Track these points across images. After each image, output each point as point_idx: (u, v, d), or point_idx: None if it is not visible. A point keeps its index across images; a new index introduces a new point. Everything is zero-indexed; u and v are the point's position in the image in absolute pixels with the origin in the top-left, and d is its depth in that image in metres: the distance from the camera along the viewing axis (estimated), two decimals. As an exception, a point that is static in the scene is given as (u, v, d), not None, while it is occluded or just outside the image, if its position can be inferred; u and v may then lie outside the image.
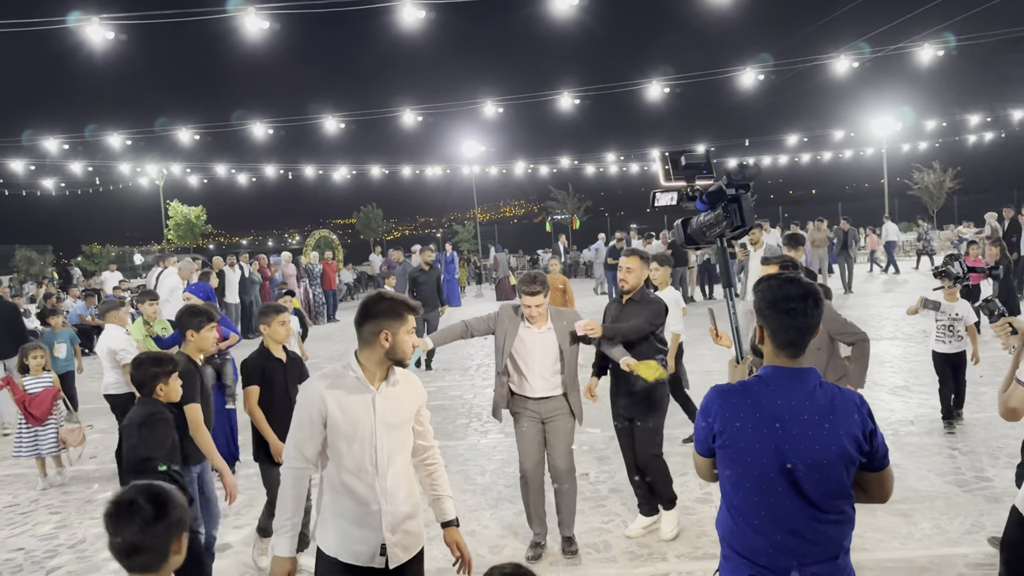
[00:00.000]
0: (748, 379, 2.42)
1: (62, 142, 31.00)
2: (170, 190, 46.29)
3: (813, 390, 2.32)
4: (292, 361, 5.13)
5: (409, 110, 27.63)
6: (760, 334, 2.41)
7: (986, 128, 45.05)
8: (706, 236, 2.89)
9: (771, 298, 2.35)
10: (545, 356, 4.91)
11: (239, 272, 18.20)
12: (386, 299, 3.04)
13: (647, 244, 21.26)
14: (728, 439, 2.31)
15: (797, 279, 2.38)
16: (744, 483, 2.29)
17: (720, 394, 2.38)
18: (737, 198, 2.74)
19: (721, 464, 2.36)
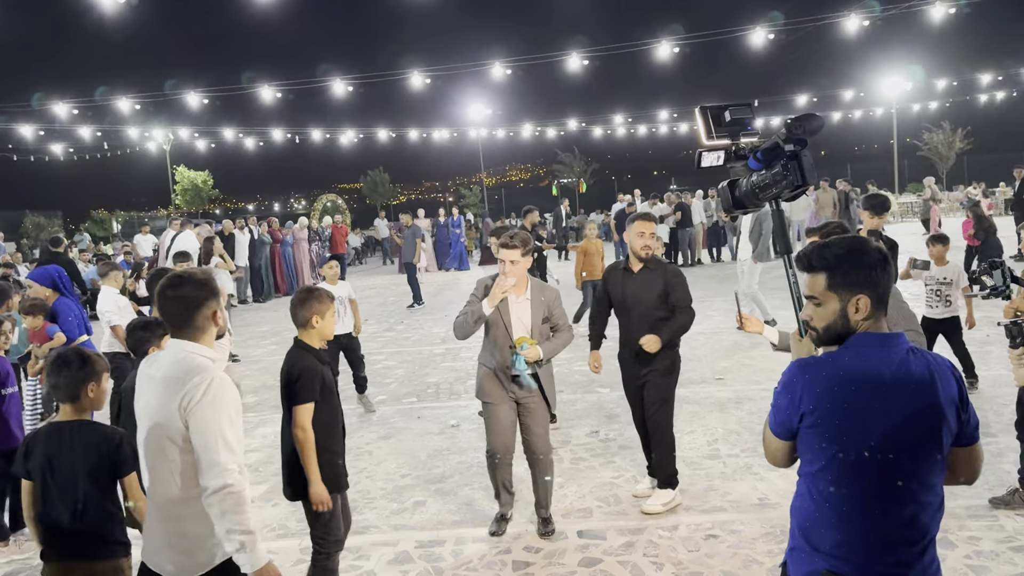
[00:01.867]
0: (834, 350, 2.17)
1: (71, 107, 31.01)
2: (177, 155, 46.25)
3: (907, 356, 2.11)
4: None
5: (416, 72, 27.50)
6: (858, 308, 2.13)
7: (997, 87, 44.53)
8: (758, 197, 2.61)
9: (861, 259, 2.14)
10: (520, 329, 4.61)
11: (248, 235, 18.30)
12: None
13: (652, 206, 21.26)
14: (820, 417, 2.08)
15: (858, 236, 2.24)
16: (835, 466, 2.08)
17: (806, 368, 2.14)
18: (797, 155, 2.45)
19: (807, 446, 2.14)
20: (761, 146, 2.54)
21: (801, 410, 2.11)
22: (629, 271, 5.03)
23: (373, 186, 58.40)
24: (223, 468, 2.60)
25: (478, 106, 41.35)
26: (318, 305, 3.86)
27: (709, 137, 2.61)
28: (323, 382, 3.74)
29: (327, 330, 3.89)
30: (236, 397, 2.74)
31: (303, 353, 3.80)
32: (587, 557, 4.49)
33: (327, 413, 3.76)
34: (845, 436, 2.06)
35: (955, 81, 44.57)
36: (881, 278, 2.13)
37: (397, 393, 8.69)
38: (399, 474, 6.02)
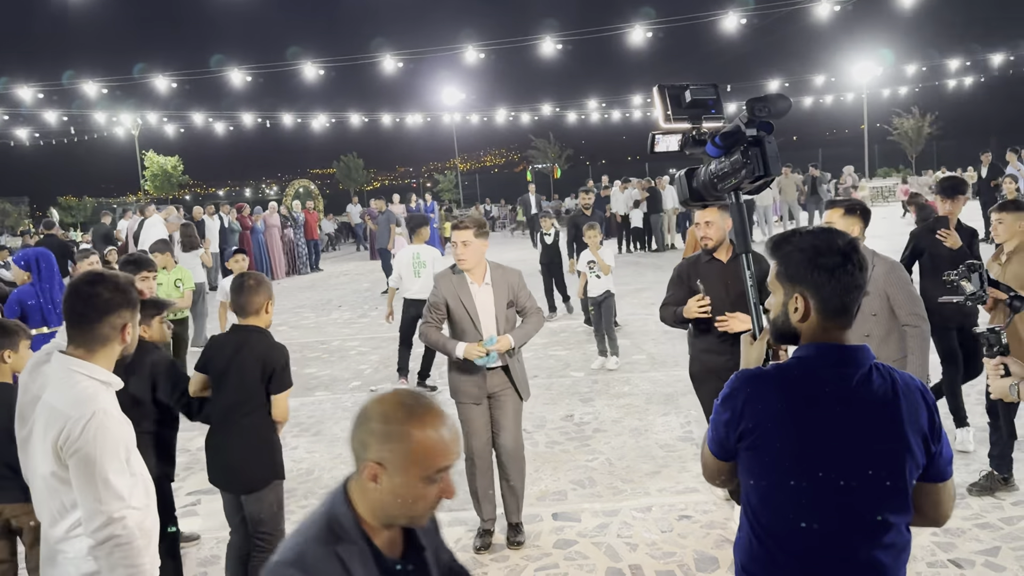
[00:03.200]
0: (784, 361, 1.94)
1: (37, 91, 30.42)
2: (146, 140, 45.59)
3: (869, 373, 1.84)
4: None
5: (389, 56, 27.29)
6: (797, 307, 1.90)
7: (965, 72, 45.09)
8: (716, 189, 2.32)
9: (810, 253, 1.86)
10: (486, 317, 4.37)
11: (218, 222, 18.12)
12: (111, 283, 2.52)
13: (624, 189, 21.34)
14: (759, 439, 1.82)
15: (832, 229, 1.95)
16: (777, 496, 1.81)
17: (748, 380, 1.88)
18: (759, 140, 2.13)
19: (746, 471, 1.87)
20: (721, 130, 2.26)
21: (740, 428, 1.84)
22: (705, 262, 4.53)
23: (346, 171, 57.92)
24: (108, 517, 2.27)
25: (452, 91, 41.16)
26: (269, 291, 3.73)
27: (667, 120, 2.32)
28: None
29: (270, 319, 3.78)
30: (124, 432, 2.42)
31: (272, 339, 3.71)
32: (562, 539, 4.52)
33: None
34: (788, 463, 1.80)
35: (924, 67, 45.09)
36: (825, 282, 1.84)
37: (372, 379, 8.67)
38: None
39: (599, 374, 8.10)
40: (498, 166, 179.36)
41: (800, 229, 1.96)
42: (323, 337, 11.10)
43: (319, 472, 5.85)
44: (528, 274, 5.45)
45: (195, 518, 5.23)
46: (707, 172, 2.35)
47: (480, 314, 4.35)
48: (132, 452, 2.45)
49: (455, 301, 4.35)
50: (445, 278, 4.42)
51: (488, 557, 4.35)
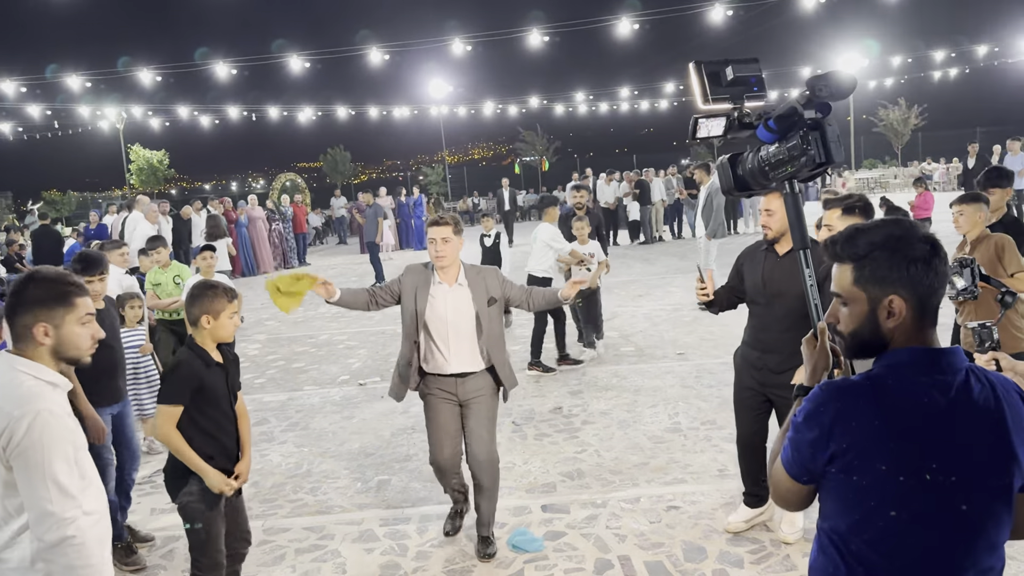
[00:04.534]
0: (874, 370, 1.70)
1: (20, 84, 30.12)
2: (131, 134, 45.25)
3: (967, 378, 1.65)
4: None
5: (376, 48, 27.17)
6: (892, 311, 1.67)
7: (951, 64, 45.27)
8: (768, 177, 2.07)
9: (896, 246, 1.66)
10: (459, 319, 4.16)
11: (205, 217, 18.02)
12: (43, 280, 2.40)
13: (609, 181, 21.37)
14: (856, 459, 1.61)
15: (893, 218, 1.75)
16: (876, 523, 1.63)
17: (837, 393, 1.66)
18: (819, 124, 1.90)
19: (836, 495, 1.68)
20: (774, 112, 2.01)
21: (831, 449, 1.64)
22: (769, 251, 4.17)
23: (333, 164, 57.65)
24: (59, 519, 2.20)
25: (439, 83, 41.03)
26: (206, 304, 3.42)
27: (706, 100, 2.08)
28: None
29: (220, 331, 3.47)
30: (73, 432, 2.34)
31: (181, 354, 3.48)
32: (551, 531, 4.53)
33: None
34: (891, 485, 1.60)
35: (910, 58, 45.21)
36: (923, 277, 1.65)
37: (360, 373, 8.66)
38: (363, 453, 6.02)
39: (588, 367, 8.11)
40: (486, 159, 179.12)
41: (861, 226, 1.73)
42: (311, 331, 11.07)
43: (307, 466, 5.85)
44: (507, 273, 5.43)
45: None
46: (757, 158, 2.10)
47: (441, 317, 4.15)
48: (82, 453, 2.36)
49: (409, 295, 4.20)
50: (414, 271, 4.29)
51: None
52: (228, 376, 3.52)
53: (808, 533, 4.22)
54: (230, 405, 3.51)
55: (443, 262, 4.16)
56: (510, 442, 6.03)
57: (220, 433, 3.44)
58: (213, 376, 3.42)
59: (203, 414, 3.38)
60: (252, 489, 5.47)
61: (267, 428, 6.85)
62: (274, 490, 5.46)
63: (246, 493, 5.36)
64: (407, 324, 4.22)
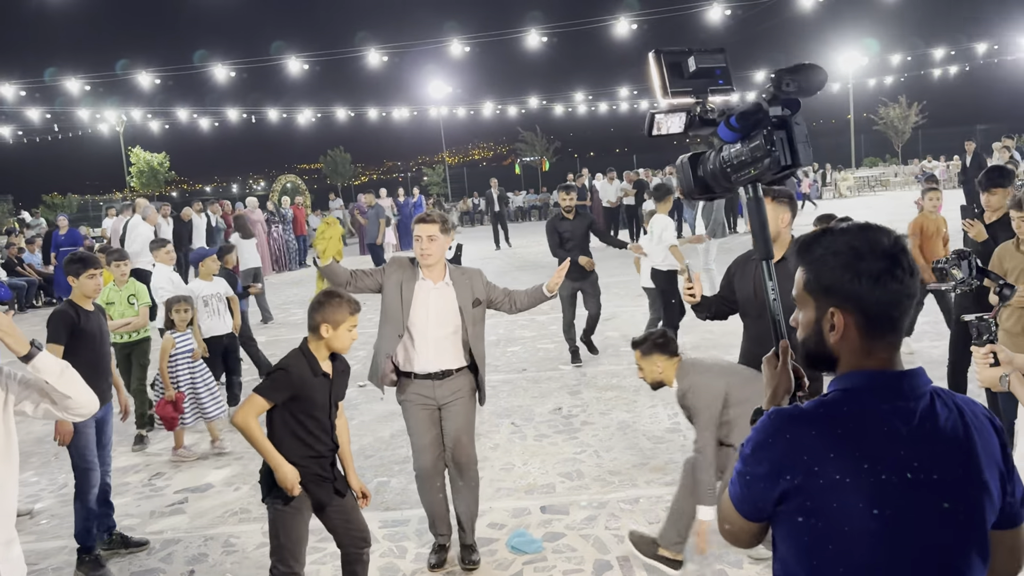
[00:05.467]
0: (827, 396, 1.54)
1: (19, 88, 30.17)
2: (131, 136, 45.33)
3: (932, 404, 1.51)
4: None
5: (375, 50, 27.19)
6: (833, 324, 1.54)
7: (951, 61, 45.28)
8: (731, 179, 1.88)
9: (847, 256, 1.51)
10: (441, 318, 4.11)
11: (206, 219, 18.03)
12: None
13: (610, 183, 21.37)
14: (810, 498, 1.45)
15: (873, 225, 1.57)
16: (836, 569, 1.46)
17: (787, 423, 1.50)
18: (786, 122, 1.74)
19: (792, 538, 1.51)
20: (737, 108, 1.84)
21: (782, 487, 1.47)
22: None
23: (334, 166, 57.70)
24: None
25: (439, 84, 41.05)
26: (332, 312, 3.41)
27: (665, 94, 1.89)
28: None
29: (336, 342, 3.44)
30: None
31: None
32: (550, 532, 4.53)
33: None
34: (848, 526, 1.43)
35: (910, 56, 45.22)
36: (870, 293, 1.50)
37: (360, 374, 8.65)
38: (363, 455, 6.02)
39: (587, 367, 8.11)
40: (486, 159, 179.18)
41: (833, 227, 1.60)
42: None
43: (307, 468, 5.84)
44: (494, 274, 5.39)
45: (182, 516, 5.21)
46: (718, 159, 1.91)
47: (422, 314, 4.10)
48: None
49: (394, 287, 4.12)
50: (399, 263, 4.23)
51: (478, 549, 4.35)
52: (332, 387, 3.47)
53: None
54: (328, 416, 3.46)
55: (429, 260, 4.11)
56: (509, 443, 6.03)
57: (313, 440, 3.39)
58: (316, 385, 3.38)
59: (298, 421, 3.37)
60: (251, 492, 5.47)
61: (266, 430, 6.83)
62: (273, 492, 5.45)
63: (245, 496, 5.39)
64: (392, 316, 4.13)
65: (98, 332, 4.68)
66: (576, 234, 8.08)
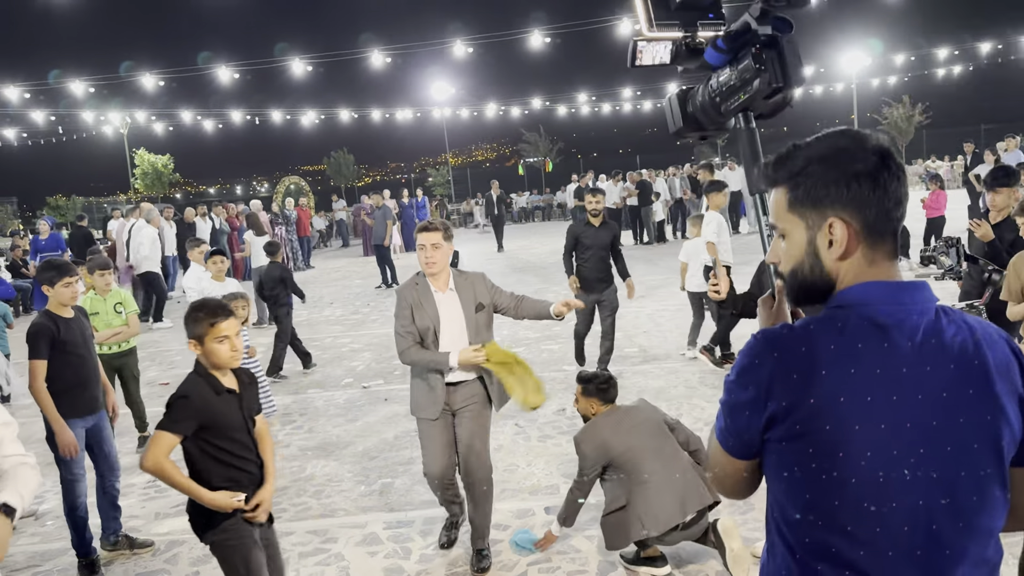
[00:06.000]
0: (821, 314, 1.39)
1: (23, 90, 30.24)
2: (135, 138, 45.36)
3: (937, 319, 1.34)
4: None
5: (378, 51, 27.22)
6: (833, 238, 1.38)
7: (955, 61, 45.16)
8: (720, 110, 1.74)
9: (837, 158, 1.37)
10: (451, 326, 4.07)
11: (210, 223, 18.05)
12: None
13: (616, 183, 21.36)
14: (798, 424, 1.30)
15: (848, 129, 1.44)
16: (831, 504, 1.30)
17: (774, 343, 1.36)
18: (775, 41, 1.61)
19: (781, 471, 1.36)
20: (725, 30, 1.72)
21: (769, 411, 1.33)
22: None
23: (337, 167, 57.74)
24: None
25: (442, 85, 41.04)
26: (193, 327, 3.15)
27: (650, 26, 1.74)
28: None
29: (211, 358, 3.14)
30: None
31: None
32: (554, 533, 4.52)
33: None
34: (843, 451, 1.28)
35: (913, 55, 45.12)
36: (869, 194, 1.35)
37: (364, 376, 8.66)
38: (367, 456, 6.02)
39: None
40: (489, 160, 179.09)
41: (802, 140, 1.46)
42: (315, 334, 11.07)
43: (311, 470, 5.85)
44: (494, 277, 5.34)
45: (186, 517, 5.20)
46: (706, 89, 1.77)
47: (443, 323, 4.07)
48: None
49: (419, 310, 4.07)
50: (408, 287, 4.16)
51: (481, 552, 4.35)
52: (242, 403, 3.21)
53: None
54: (247, 432, 3.22)
55: (434, 268, 4.07)
56: (513, 444, 6.03)
57: (239, 462, 3.15)
58: (223, 405, 3.12)
59: (216, 447, 3.09)
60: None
61: (271, 431, 6.85)
62: (278, 494, 5.45)
63: (250, 497, 5.39)
64: (427, 337, 4.07)
65: (81, 338, 4.54)
66: (597, 243, 7.47)
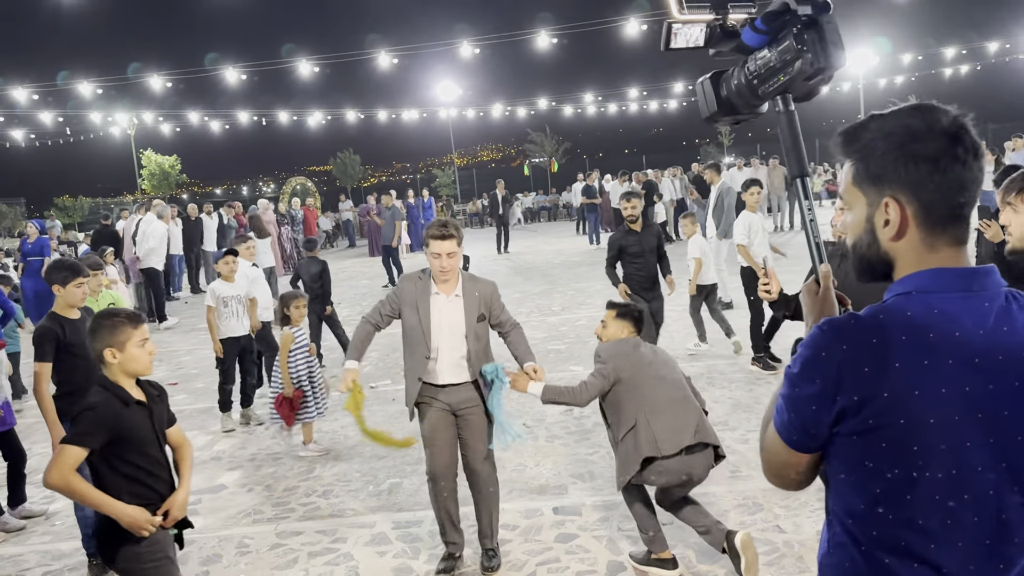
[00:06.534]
0: (886, 302, 1.35)
1: (31, 92, 30.38)
2: (142, 139, 45.50)
3: (1007, 305, 1.32)
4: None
5: (385, 52, 27.26)
6: (888, 218, 1.37)
7: (962, 60, 45.03)
8: (758, 93, 1.71)
9: (901, 137, 1.34)
10: (453, 332, 4.05)
11: (216, 220, 18.08)
12: None
13: (622, 183, 21.33)
14: (874, 416, 1.27)
15: (928, 104, 1.38)
16: (903, 495, 1.29)
17: (842, 333, 1.31)
18: (816, 21, 1.59)
19: (850, 464, 1.34)
20: (764, 10, 1.69)
21: (839, 405, 1.29)
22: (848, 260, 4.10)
23: (343, 168, 57.77)
24: None
25: (448, 85, 41.07)
26: (111, 335, 3.01)
27: (680, 9, 1.72)
28: None
29: (131, 365, 3.02)
30: None
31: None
32: (563, 533, 4.53)
33: None
34: (919, 446, 1.26)
35: (920, 55, 44.99)
36: (928, 179, 1.31)
37: (371, 376, 8.67)
38: (375, 456, 6.03)
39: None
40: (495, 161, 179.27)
41: (880, 112, 1.42)
42: (322, 335, 11.08)
43: (319, 470, 5.86)
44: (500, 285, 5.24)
45: (195, 517, 5.23)
46: (743, 72, 1.73)
47: (440, 327, 4.04)
48: None
49: (411, 308, 4.07)
50: (411, 281, 4.14)
51: (489, 552, 4.35)
52: (154, 415, 3.04)
53: (822, 534, 4.20)
54: (160, 448, 3.05)
55: (447, 276, 4.04)
56: (520, 444, 6.00)
57: (151, 480, 2.97)
58: (133, 417, 2.95)
59: (127, 461, 2.91)
60: (265, 493, 5.50)
61: (278, 431, 6.87)
62: (286, 493, 5.47)
63: (259, 497, 5.41)
64: (415, 340, 4.09)
65: (88, 340, 4.60)
66: (646, 249, 7.23)
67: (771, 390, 6.83)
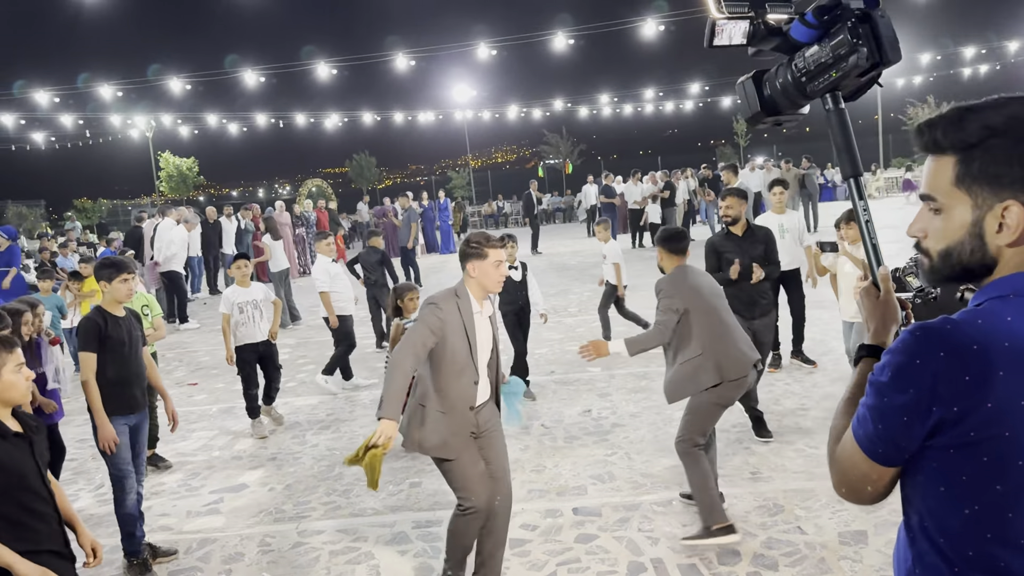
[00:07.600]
0: (982, 306, 1.26)
1: (52, 94, 30.71)
2: (160, 141, 45.86)
3: None
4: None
5: (401, 54, 27.36)
6: (1006, 222, 1.25)
7: (980, 61, 44.67)
8: (806, 91, 1.66)
9: (1020, 131, 1.24)
10: (485, 347, 3.79)
11: (236, 223, 18.18)
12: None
13: (636, 183, 21.32)
14: (976, 431, 1.20)
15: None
16: (1005, 512, 1.21)
17: (938, 340, 1.22)
18: (869, 16, 1.53)
19: (944, 479, 1.26)
20: (813, 3, 1.62)
21: (936, 416, 1.21)
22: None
23: (359, 170, 58.00)
24: None
25: (463, 87, 41.16)
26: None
27: (719, 9, 1.66)
28: None
29: (3, 393, 2.77)
30: None
31: None
32: (583, 533, 4.53)
33: None
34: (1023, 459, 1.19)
35: (939, 55, 44.66)
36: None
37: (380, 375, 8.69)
38: (394, 456, 6.05)
39: (616, 368, 8.10)
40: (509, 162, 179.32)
41: (971, 104, 1.31)
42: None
43: (339, 469, 5.89)
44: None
45: (217, 516, 5.28)
46: (790, 69, 1.67)
47: (483, 347, 3.76)
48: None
49: (457, 334, 3.65)
50: (449, 302, 3.66)
51: (510, 552, 4.36)
52: (33, 447, 2.76)
53: (843, 535, 4.19)
54: (43, 482, 2.76)
55: (502, 286, 3.84)
56: (539, 445, 6.03)
57: (34, 520, 2.69)
58: (12, 451, 2.68)
59: (7, 497, 2.63)
60: (285, 492, 5.53)
61: (299, 431, 6.92)
62: (307, 492, 5.51)
63: (280, 496, 5.45)
64: (458, 363, 3.66)
65: (127, 338, 4.64)
66: (749, 258, 6.23)
67: (787, 390, 6.81)
